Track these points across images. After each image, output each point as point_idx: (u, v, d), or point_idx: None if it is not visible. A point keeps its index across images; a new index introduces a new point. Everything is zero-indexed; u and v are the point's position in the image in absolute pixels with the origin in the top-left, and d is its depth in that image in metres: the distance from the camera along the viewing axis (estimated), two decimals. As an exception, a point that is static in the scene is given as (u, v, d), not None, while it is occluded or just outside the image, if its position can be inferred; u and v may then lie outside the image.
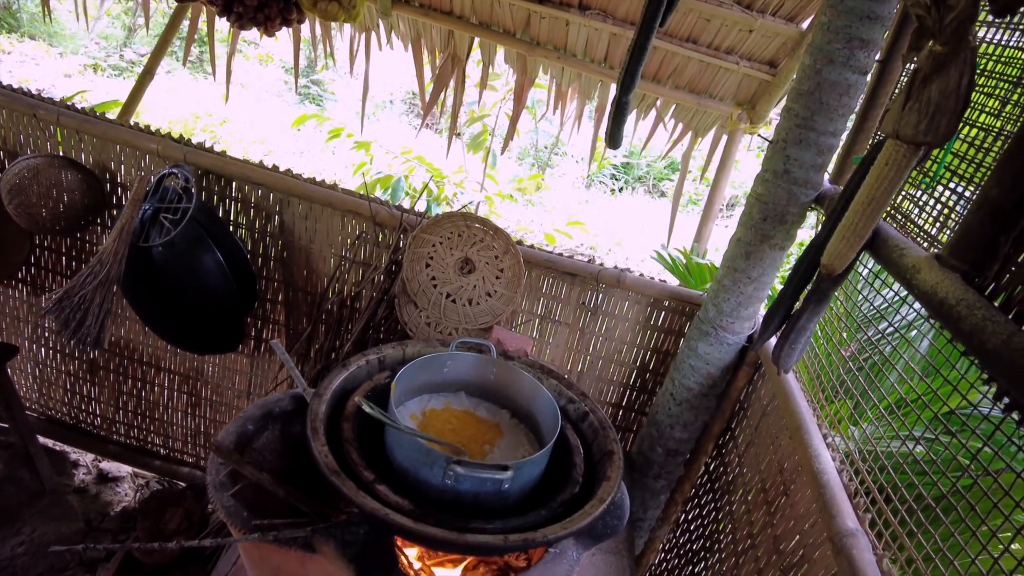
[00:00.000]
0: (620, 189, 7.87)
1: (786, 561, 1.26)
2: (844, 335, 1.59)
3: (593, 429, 1.24)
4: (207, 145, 1.85)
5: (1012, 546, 0.87)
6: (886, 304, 1.70)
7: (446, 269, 1.75)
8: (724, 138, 2.78)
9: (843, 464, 1.23)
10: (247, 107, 6.16)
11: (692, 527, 1.85)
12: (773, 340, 1.47)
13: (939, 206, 1.14)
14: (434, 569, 1.23)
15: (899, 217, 1.26)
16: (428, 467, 1.00)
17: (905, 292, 1.43)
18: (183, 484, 2.46)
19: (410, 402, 1.20)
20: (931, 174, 1.17)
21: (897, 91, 1.23)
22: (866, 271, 1.65)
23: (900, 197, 1.27)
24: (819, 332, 1.64)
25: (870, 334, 1.82)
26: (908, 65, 1.26)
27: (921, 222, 1.17)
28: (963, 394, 1.03)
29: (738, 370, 1.69)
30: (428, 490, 1.01)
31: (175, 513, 2.32)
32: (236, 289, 1.82)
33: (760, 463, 1.52)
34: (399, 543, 1.09)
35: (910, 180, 1.25)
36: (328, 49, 3.05)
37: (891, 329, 1.80)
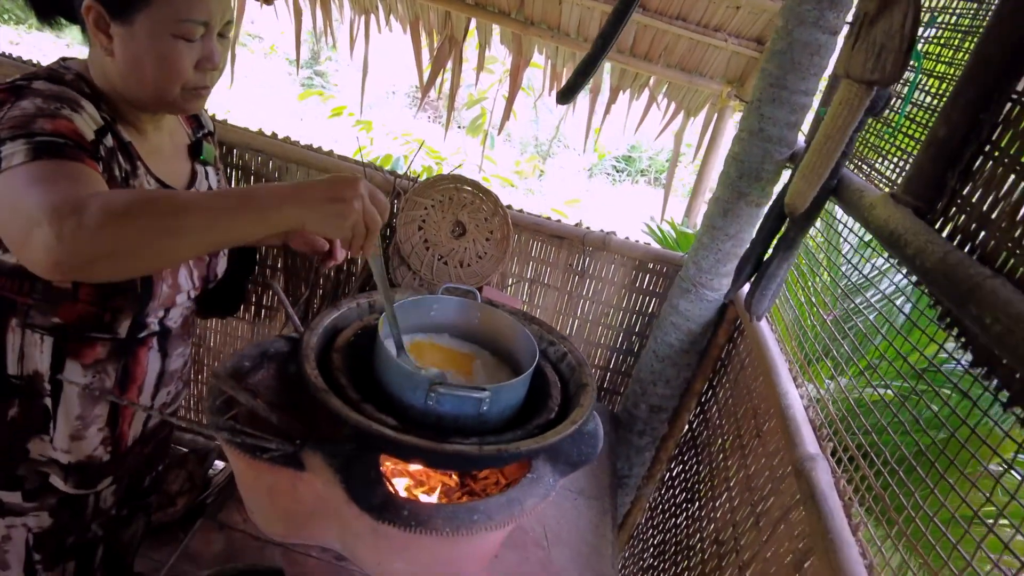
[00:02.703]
0: (621, 180, 7.94)
1: (756, 496, 1.33)
2: (828, 302, 1.65)
3: (571, 367, 1.30)
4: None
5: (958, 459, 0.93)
6: (877, 272, 1.76)
7: (438, 232, 1.82)
8: (715, 116, 2.84)
9: (810, 402, 1.29)
10: (250, 98, 6.26)
11: (676, 483, 1.92)
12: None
13: (899, 152, 1.20)
14: (417, 492, 1.30)
15: (864, 168, 1.32)
16: (412, 390, 1.06)
17: (894, 260, 1.49)
18: (185, 449, 2.53)
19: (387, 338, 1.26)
20: (893, 123, 1.23)
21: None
22: (854, 239, 1.72)
23: (865, 148, 1.33)
24: (802, 300, 1.71)
25: (858, 302, 1.88)
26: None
27: (882, 169, 1.23)
28: (940, 344, 1.05)
29: (718, 328, 1.76)
30: (412, 412, 1.08)
31: (178, 475, 2.40)
32: (236, 253, 1.89)
33: (737, 413, 1.58)
34: (383, 464, 1.16)
35: (873, 131, 1.31)
36: (329, 32, 3.13)
37: (879, 296, 1.87)
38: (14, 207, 0.81)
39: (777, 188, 1.60)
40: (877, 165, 1.27)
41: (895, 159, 1.22)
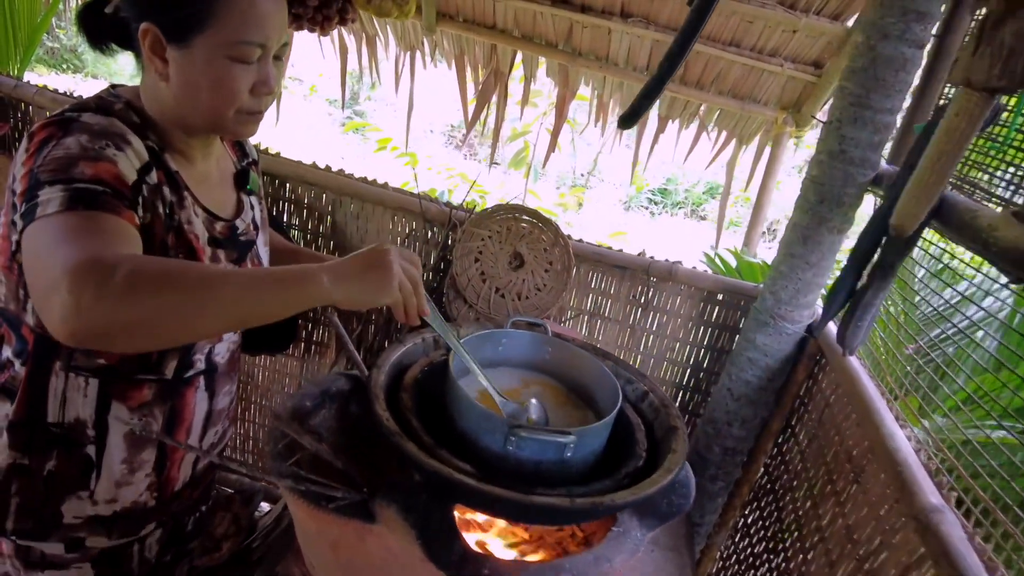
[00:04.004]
0: (659, 213, 7.85)
1: (861, 550, 1.19)
2: (902, 338, 1.54)
3: (653, 408, 1.20)
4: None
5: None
6: (945, 305, 1.64)
7: (496, 264, 1.75)
8: (769, 144, 2.75)
9: (919, 444, 1.17)
10: (292, 139, 6.38)
11: (752, 531, 1.78)
12: (832, 325, 1.42)
13: (1012, 168, 1.10)
14: (489, 546, 1.20)
15: (966, 188, 1.22)
16: (490, 432, 0.98)
17: (967, 291, 1.38)
18: (231, 490, 2.47)
19: (467, 376, 1.18)
20: (1002, 137, 1.13)
21: (967, 39, 1.20)
22: (922, 272, 1.60)
23: (966, 167, 1.23)
24: (878, 332, 1.59)
25: (933, 335, 1.76)
26: (976, 15, 1.23)
27: (987, 186, 1.13)
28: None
29: (798, 363, 1.64)
30: (489, 456, 0.99)
31: (223, 518, 2.33)
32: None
33: (825, 456, 1.46)
34: (459, 515, 1.07)
35: (977, 149, 1.21)
36: (374, 69, 3.14)
37: (954, 329, 1.74)
38: (41, 262, 0.79)
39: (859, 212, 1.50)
40: (982, 184, 1.17)
41: (1007, 175, 1.11)
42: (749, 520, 1.82)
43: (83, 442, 1.02)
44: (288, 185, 1.92)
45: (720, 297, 1.77)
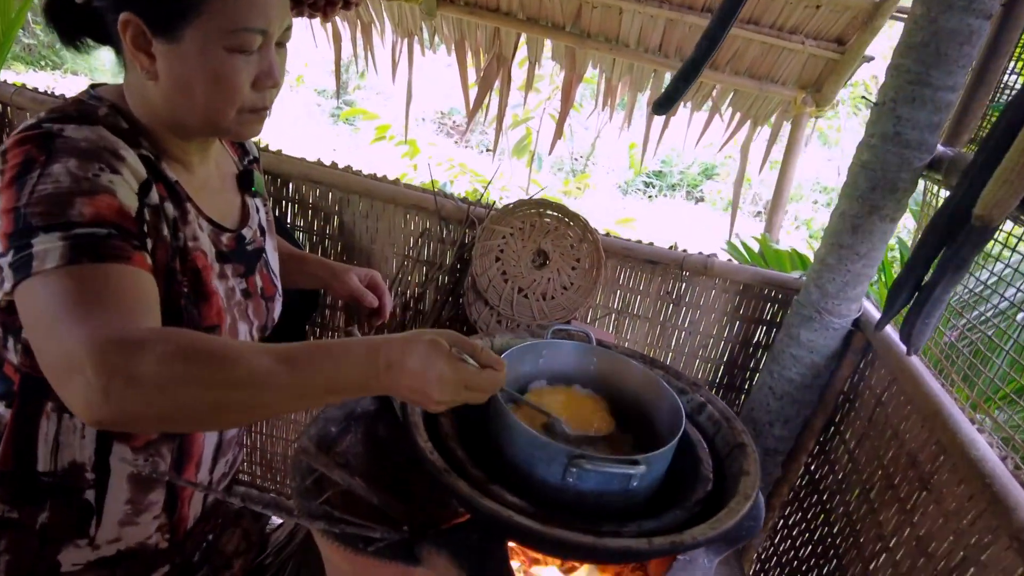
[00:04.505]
0: (655, 196, 7.75)
1: (940, 565, 1.11)
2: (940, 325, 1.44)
3: (714, 421, 1.10)
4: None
5: None
6: (982, 286, 1.54)
7: (518, 263, 1.64)
8: (785, 125, 2.65)
9: (1004, 451, 1.08)
10: (283, 131, 6.20)
11: (795, 532, 1.69)
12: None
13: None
14: (540, 580, 1.11)
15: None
16: (546, 463, 0.88)
17: (1003, 272, 1.28)
18: (240, 504, 2.36)
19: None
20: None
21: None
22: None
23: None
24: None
25: (970, 317, 1.66)
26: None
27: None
28: None
29: (843, 358, 1.55)
30: (544, 490, 0.89)
31: (232, 534, 2.22)
32: (295, 294, 1.73)
33: (882, 457, 1.37)
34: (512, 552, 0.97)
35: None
36: (370, 56, 3.00)
37: (993, 309, 1.63)
38: (50, 331, 0.69)
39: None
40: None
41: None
42: (790, 522, 1.74)
43: (81, 487, 0.91)
44: (292, 184, 1.80)
45: (758, 291, 1.67)
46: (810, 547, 1.59)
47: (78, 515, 0.93)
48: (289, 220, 1.85)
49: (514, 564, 1.08)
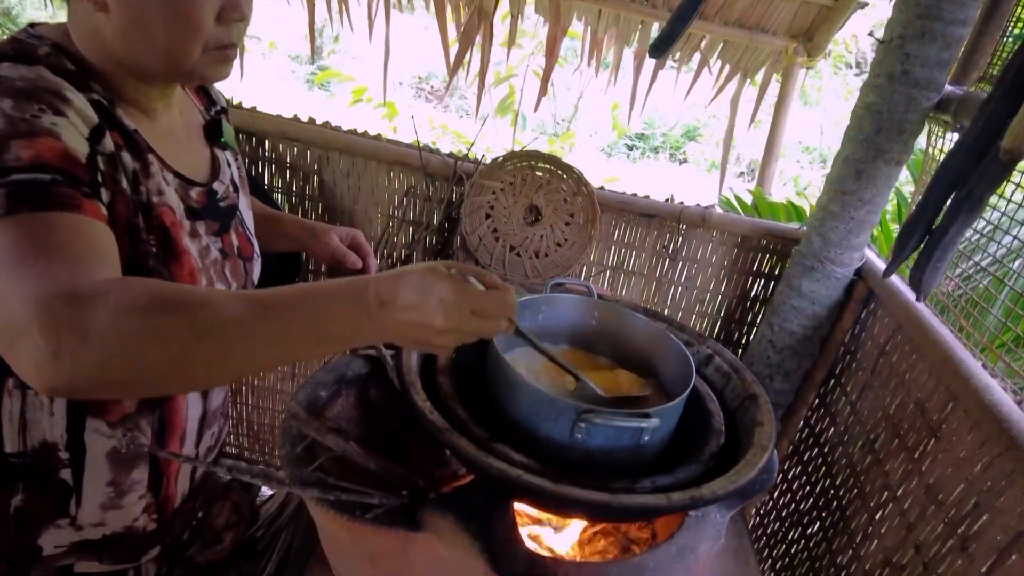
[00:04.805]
0: (637, 158, 7.68)
1: (951, 512, 1.08)
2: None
3: (722, 373, 1.06)
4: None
5: None
6: (978, 235, 1.50)
7: (509, 219, 1.57)
8: (777, 76, 2.58)
9: (1019, 395, 1.05)
10: (257, 98, 5.99)
11: (795, 486, 1.68)
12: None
13: None
14: (542, 538, 1.07)
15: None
16: (552, 420, 0.83)
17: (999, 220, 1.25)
18: (228, 477, 2.31)
19: (513, 351, 1.02)
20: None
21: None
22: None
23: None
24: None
25: (965, 267, 1.62)
26: None
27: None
28: None
29: (844, 308, 1.51)
30: (550, 447, 0.84)
31: (222, 507, 2.17)
32: (275, 258, 1.65)
33: (886, 407, 1.34)
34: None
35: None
36: (345, 16, 2.86)
37: (989, 259, 1.60)
38: None
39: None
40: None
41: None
42: (790, 476, 1.72)
43: (55, 467, 0.84)
44: (268, 143, 1.70)
45: (757, 242, 1.62)
46: (811, 500, 1.58)
47: (55, 496, 0.86)
48: (266, 181, 1.76)
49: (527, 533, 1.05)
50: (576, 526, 1.13)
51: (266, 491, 2.25)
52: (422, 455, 1.11)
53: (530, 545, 0.89)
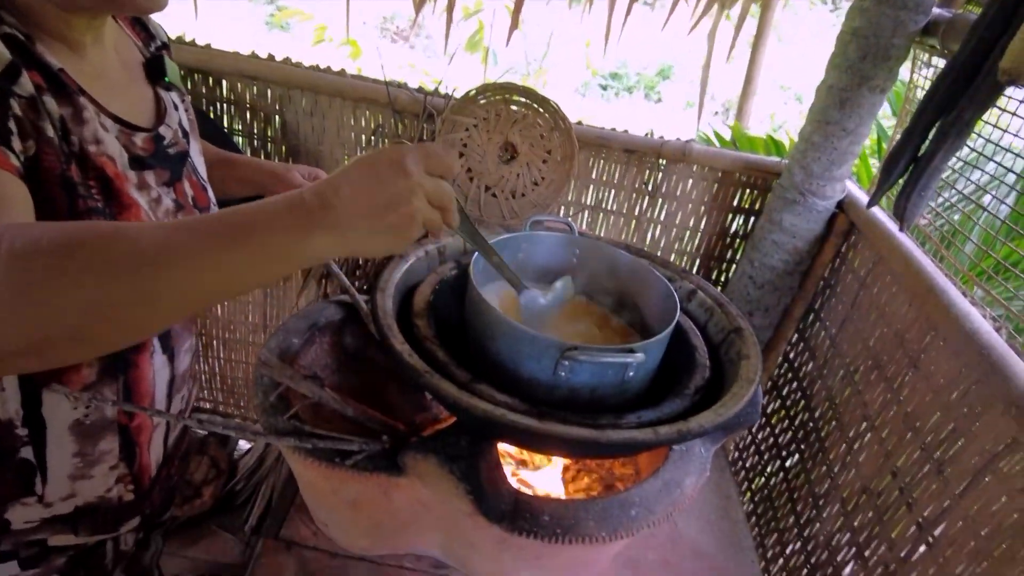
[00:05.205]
0: (610, 99, 7.54)
1: (928, 439, 1.10)
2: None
3: (705, 308, 1.04)
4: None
5: None
6: (949, 171, 1.49)
7: (484, 158, 1.52)
8: (756, 6, 2.51)
9: (998, 323, 1.05)
10: (214, 41, 5.70)
11: (773, 420, 1.70)
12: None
13: None
14: (532, 482, 1.06)
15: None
16: (535, 359, 0.80)
17: (968, 156, 1.23)
18: (203, 432, 2.28)
19: (489, 286, 0.98)
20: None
21: None
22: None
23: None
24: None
25: (936, 203, 1.62)
26: None
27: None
28: None
29: (825, 242, 1.50)
30: (534, 387, 0.82)
31: (200, 462, 2.15)
32: (236, 201, 1.58)
33: (866, 339, 1.34)
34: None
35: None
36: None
37: (957, 196, 1.59)
38: None
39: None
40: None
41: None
42: (769, 410, 1.74)
43: (14, 446, 0.78)
44: (225, 83, 1.60)
45: (738, 177, 1.58)
46: (790, 433, 1.60)
47: (17, 475, 0.80)
48: (226, 124, 1.67)
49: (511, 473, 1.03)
50: (559, 465, 1.12)
51: (244, 445, 2.23)
52: (401, 400, 1.09)
53: (514, 485, 0.87)
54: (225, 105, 1.64)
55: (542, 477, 1.09)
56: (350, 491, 0.88)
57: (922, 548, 1.05)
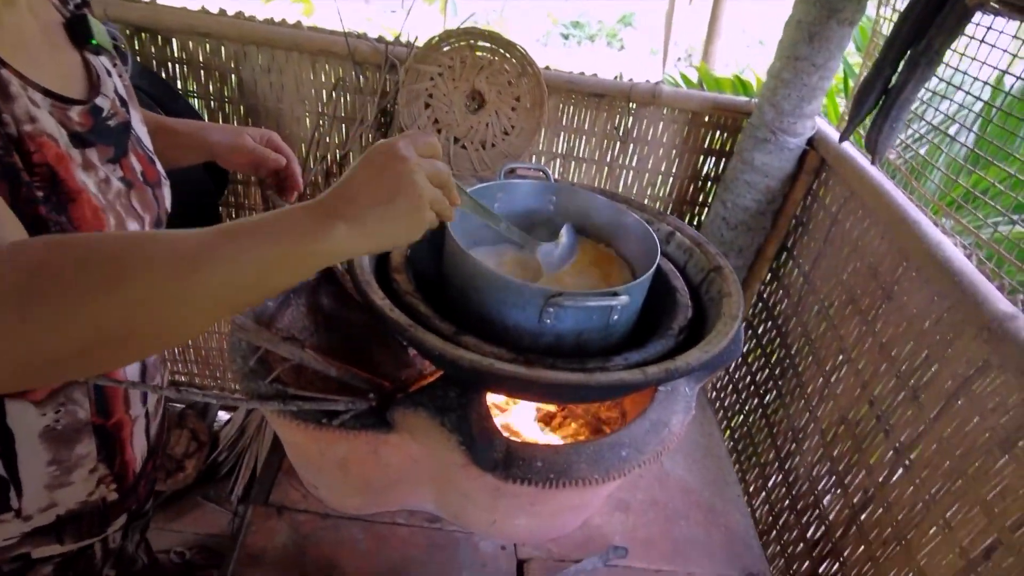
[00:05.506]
0: (571, 47, 7.42)
1: (903, 367, 1.13)
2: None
3: (684, 249, 1.04)
4: (128, -6, 1.47)
5: None
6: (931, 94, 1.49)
7: (451, 108, 1.47)
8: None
9: (968, 248, 1.07)
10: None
11: (750, 359, 1.73)
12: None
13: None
14: (516, 428, 1.07)
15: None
16: (520, 308, 0.79)
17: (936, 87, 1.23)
18: (180, 405, 2.24)
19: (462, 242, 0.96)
20: None
21: None
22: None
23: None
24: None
25: (905, 136, 1.63)
26: None
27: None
28: None
29: (796, 180, 1.50)
30: (519, 335, 0.81)
31: (180, 436, 2.12)
32: (201, 168, 1.52)
33: (839, 274, 1.36)
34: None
35: None
36: None
37: (927, 127, 1.61)
38: None
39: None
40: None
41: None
42: (745, 350, 1.77)
43: None
44: (175, 41, 1.52)
45: (708, 118, 1.57)
46: (767, 371, 1.63)
47: None
48: (179, 86, 1.59)
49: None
50: (547, 411, 1.13)
51: (223, 416, 2.21)
52: (383, 358, 1.07)
53: (504, 435, 0.87)
54: (176, 65, 1.56)
55: (530, 424, 1.09)
56: (338, 451, 0.87)
57: (900, 472, 1.08)
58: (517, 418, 1.10)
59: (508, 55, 1.40)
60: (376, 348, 1.09)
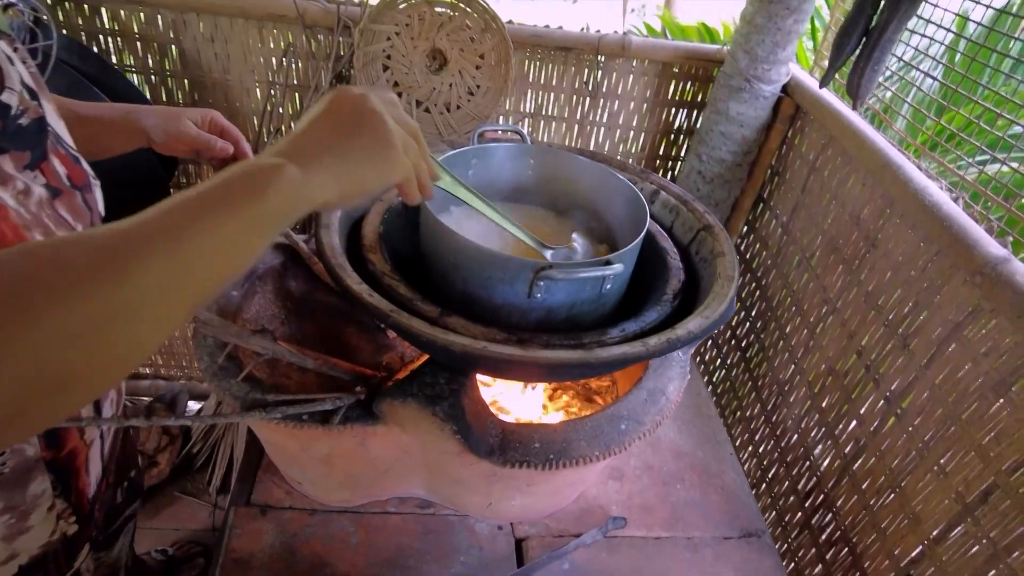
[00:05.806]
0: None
1: (891, 315, 1.11)
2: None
3: (670, 208, 1.00)
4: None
5: None
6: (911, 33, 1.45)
7: (411, 69, 1.39)
8: None
9: (955, 192, 1.05)
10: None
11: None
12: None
13: None
14: (513, 410, 1.03)
15: None
16: (508, 283, 0.74)
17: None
18: (147, 398, 2.16)
19: (444, 215, 0.90)
20: None
21: None
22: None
23: None
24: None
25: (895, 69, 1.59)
26: None
27: None
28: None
29: (770, 129, 1.47)
30: (508, 312, 0.76)
31: (150, 431, 2.04)
32: (147, 148, 1.41)
33: (820, 224, 1.34)
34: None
35: None
36: None
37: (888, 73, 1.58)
38: None
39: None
40: None
41: None
42: (724, 305, 1.75)
43: None
44: (105, 11, 1.39)
45: (679, 69, 1.51)
46: (747, 324, 1.62)
47: None
48: (116, 61, 1.47)
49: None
50: (538, 387, 1.09)
51: (193, 405, 2.13)
52: (361, 341, 1.02)
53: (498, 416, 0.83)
54: (109, 38, 1.44)
55: (521, 402, 1.06)
56: (321, 447, 0.82)
57: (891, 421, 1.08)
58: (505, 392, 1.06)
59: (469, 9, 1.31)
60: (353, 331, 1.03)
